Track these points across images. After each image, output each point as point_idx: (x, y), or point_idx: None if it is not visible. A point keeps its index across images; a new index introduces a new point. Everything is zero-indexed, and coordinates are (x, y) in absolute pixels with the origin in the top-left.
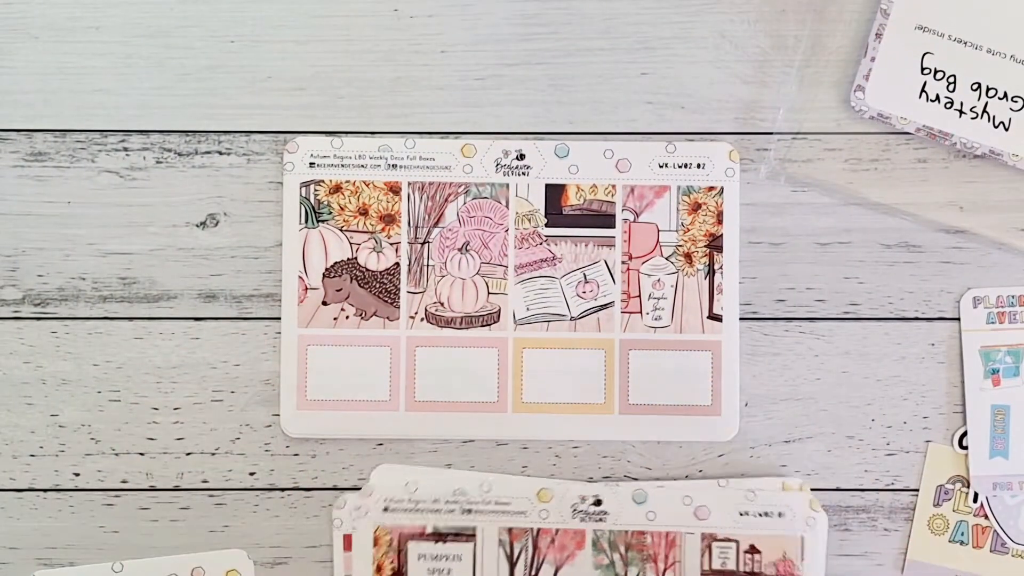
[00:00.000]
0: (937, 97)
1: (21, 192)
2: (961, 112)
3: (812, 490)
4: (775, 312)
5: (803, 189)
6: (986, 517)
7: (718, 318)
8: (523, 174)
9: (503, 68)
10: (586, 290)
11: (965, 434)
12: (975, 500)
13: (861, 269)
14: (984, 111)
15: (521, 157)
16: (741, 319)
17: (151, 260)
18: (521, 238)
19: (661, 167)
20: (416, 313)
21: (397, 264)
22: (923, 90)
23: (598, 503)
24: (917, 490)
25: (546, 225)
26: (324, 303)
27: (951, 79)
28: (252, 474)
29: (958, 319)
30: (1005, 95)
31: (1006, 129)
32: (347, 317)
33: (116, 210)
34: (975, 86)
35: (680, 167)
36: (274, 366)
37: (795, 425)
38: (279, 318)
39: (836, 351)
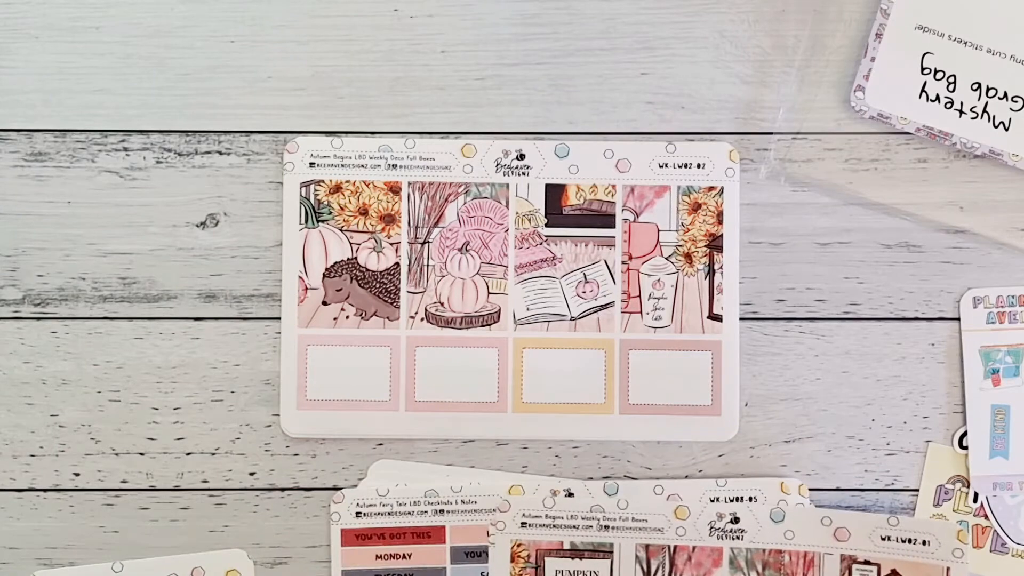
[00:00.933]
0: (937, 97)
1: (21, 192)
2: (961, 112)
3: (812, 490)
4: (775, 312)
5: (803, 189)
6: (986, 517)
7: (718, 318)
8: (523, 174)
9: (503, 68)
10: (586, 290)
11: (965, 434)
12: (975, 500)
13: (861, 269)
14: (984, 111)
15: (521, 157)
16: (741, 319)
17: (151, 260)
18: (521, 238)
19: (661, 167)
20: (416, 313)
21: (397, 264)
22: (923, 90)
23: (735, 520)
24: (917, 490)
25: (546, 225)
26: (324, 303)
27: (951, 79)
28: (252, 474)
29: (958, 319)
30: (1005, 95)
31: (1006, 129)
32: (347, 317)
33: (116, 210)
34: (975, 86)
35: (680, 167)
36: (274, 366)
37: (795, 425)
38: (279, 318)
39: (836, 351)
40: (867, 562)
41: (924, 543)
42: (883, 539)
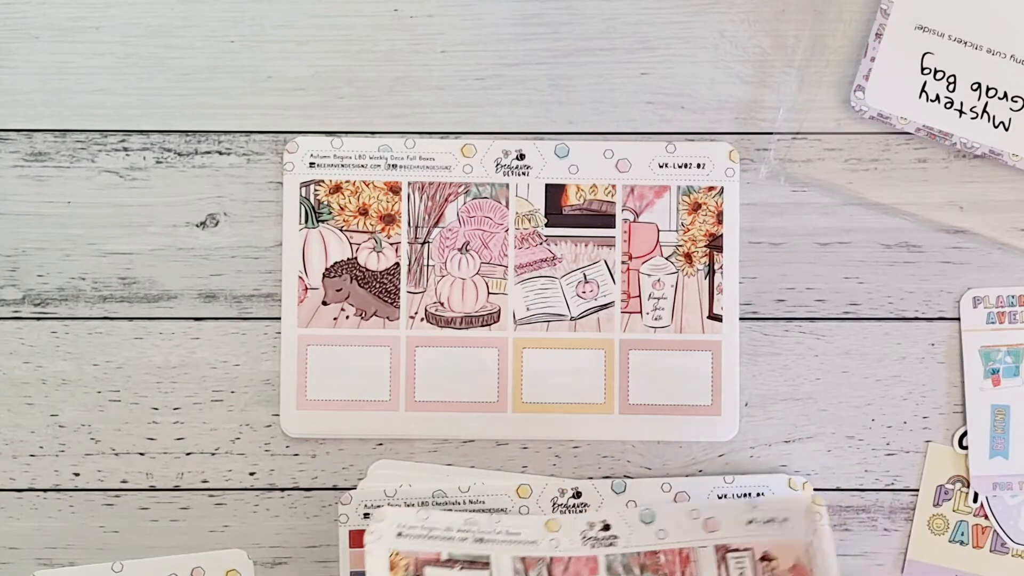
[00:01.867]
0: (937, 97)
1: (21, 192)
2: (961, 112)
3: (812, 490)
4: (775, 312)
5: (803, 189)
6: (986, 517)
7: (718, 318)
8: (523, 174)
9: (503, 68)
10: (586, 290)
11: (965, 434)
12: (975, 500)
13: (861, 269)
14: (984, 111)
15: (521, 157)
16: (741, 319)
17: (151, 260)
18: (521, 238)
19: (661, 167)
20: (416, 313)
21: (397, 264)
22: (923, 90)
23: (606, 528)
24: (917, 490)
25: (546, 225)
26: (324, 303)
27: (951, 79)
28: (252, 474)
29: (958, 319)
30: (1005, 95)
31: (1006, 129)
32: (347, 317)
33: (116, 210)
34: (975, 86)
35: (680, 167)
36: (274, 366)
37: (795, 425)
38: (279, 318)
39: (836, 351)
40: (741, 549)
41: (784, 520)
42: (749, 523)
